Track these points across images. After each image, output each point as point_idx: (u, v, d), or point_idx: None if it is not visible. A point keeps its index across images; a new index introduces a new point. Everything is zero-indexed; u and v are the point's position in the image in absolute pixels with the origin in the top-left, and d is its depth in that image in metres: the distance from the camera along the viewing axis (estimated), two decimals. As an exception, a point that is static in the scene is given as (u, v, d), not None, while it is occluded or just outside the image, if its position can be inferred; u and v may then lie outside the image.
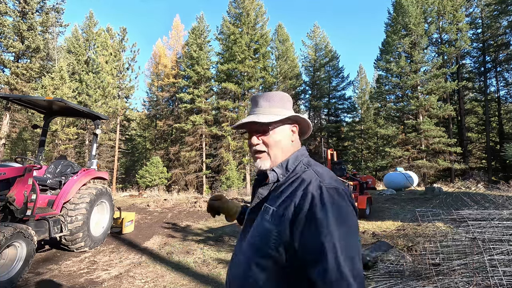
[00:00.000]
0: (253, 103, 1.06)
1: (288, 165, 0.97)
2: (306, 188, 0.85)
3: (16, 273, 3.59)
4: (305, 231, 0.80)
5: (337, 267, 0.73)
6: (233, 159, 24.84)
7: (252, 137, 1.00)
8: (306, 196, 0.83)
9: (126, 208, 10.08)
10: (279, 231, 0.85)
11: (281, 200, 0.89)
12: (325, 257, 0.74)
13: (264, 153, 0.99)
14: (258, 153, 1.00)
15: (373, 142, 33.00)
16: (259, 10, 28.62)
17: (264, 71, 27.80)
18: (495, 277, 2.70)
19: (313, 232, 0.78)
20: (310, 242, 0.78)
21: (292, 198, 0.86)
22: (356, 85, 38.21)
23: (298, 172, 0.95)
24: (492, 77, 26.34)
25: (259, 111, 1.02)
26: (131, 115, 32.73)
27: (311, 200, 0.82)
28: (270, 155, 0.99)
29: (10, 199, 3.85)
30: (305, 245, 0.79)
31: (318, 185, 0.85)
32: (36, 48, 19.60)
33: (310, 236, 0.78)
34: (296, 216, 0.82)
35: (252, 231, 0.94)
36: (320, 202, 0.80)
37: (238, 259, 0.96)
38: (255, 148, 1.00)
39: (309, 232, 0.79)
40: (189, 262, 4.59)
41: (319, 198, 0.81)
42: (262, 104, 1.03)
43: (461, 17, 24.49)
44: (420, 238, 4.63)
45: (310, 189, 0.84)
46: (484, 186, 11.79)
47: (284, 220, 0.84)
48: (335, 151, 10.37)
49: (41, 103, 5.16)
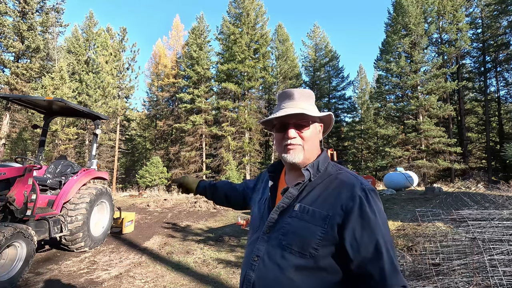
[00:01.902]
0: (286, 96, 1.03)
1: (319, 166, 0.98)
2: (352, 190, 0.88)
3: (16, 273, 3.58)
4: (359, 231, 0.84)
5: (391, 261, 0.82)
6: (233, 159, 24.83)
7: (290, 130, 0.98)
8: (354, 198, 0.86)
9: (126, 208, 10.08)
10: (324, 231, 0.86)
11: (322, 201, 0.90)
12: (381, 254, 0.82)
13: (299, 146, 0.98)
14: (293, 145, 0.98)
15: (373, 142, 33.00)
16: (259, 10, 28.61)
17: (264, 71, 27.79)
18: (495, 277, 2.70)
19: (368, 232, 0.83)
20: (365, 241, 0.83)
21: (338, 199, 0.88)
22: (356, 85, 38.24)
23: (332, 173, 0.97)
24: (492, 77, 26.35)
25: (297, 105, 1.00)
26: (131, 115, 32.73)
27: (359, 202, 0.86)
28: (305, 149, 0.98)
29: (10, 199, 3.85)
30: (360, 244, 0.83)
31: (361, 187, 0.89)
32: (36, 48, 19.61)
33: (364, 235, 0.83)
34: (347, 217, 0.85)
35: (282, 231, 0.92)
36: (368, 204, 0.85)
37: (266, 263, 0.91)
38: (291, 141, 0.97)
39: (364, 232, 0.84)
40: (189, 262, 4.59)
41: (366, 200, 0.86)
42: (299, 98, 1.01)
43: (461, 17, 24.49)
44: (420, 238, 4.63)
45: (356, 191, 0.87)
46: (484, 186, 11.79)
47: (329, 220, 0.86)
48: (335, 151, 10.37)
49: (41, 103, 5.16)
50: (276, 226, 0.94)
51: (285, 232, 0.91)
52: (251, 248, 0.98)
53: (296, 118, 0.98)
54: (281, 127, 1.01)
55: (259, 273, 0.91)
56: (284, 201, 0.95)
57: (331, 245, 0.86)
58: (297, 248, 0.87)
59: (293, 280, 0.86)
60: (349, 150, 34.93)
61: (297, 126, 0.98)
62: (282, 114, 0.96)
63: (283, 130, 1.00)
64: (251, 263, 0.94)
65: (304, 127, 0.99)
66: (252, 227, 1.08)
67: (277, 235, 0.92)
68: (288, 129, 0.98)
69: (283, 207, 0.95)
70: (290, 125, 0.99)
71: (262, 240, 0.95)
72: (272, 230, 0.94)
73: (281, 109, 1.01)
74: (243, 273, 0.97)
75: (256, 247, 0.96)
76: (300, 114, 0.96)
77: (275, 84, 30.41)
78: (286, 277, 0.86)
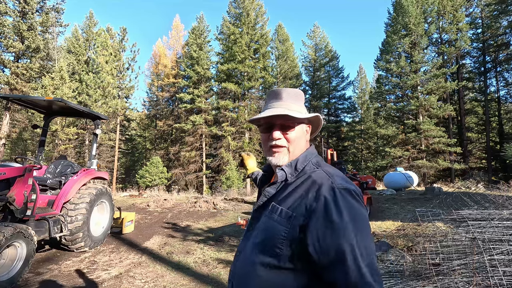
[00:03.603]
0: (274, 96, 1.02)
1: (298, 165, 0.96)
2: (319, 190, 0.83)
3: (16, 273, 3.59)
4: (321, 234, 0.78)
5: (358, 269, 0.73)
6: (233, 159, 24.83)
7: (276, 131, 0.96)
8: (319, 198, 0.81)
9: (126, 208, 10.07)
10: (287, 231, 0.83)
11: (290, 200, 0.88)
12: (344, 260, 0.74)
13: (284, 148, 0.97)
14: (278, 147, 0.97)
15: (373, 142, 33.01)
16: (259, 10, 28.62)
17: (264, 71, 27.79)
18: (495, 277, 2.70)
19: (330, 235, 0.77)
20: (328, 245, 0.77)
21: (304, 199, 0.84)
22: (356, 85, 38.26)
23: (308, 172, 0.93)
24: (492, 77, 26.34)
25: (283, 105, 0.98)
26: (131, 115, 32.75)
27: (324, 202, 0.80)
28: (290, 151, 0.97)
29: (10, 199, 3.85)
30: (322, 248, 0.78)
31: (330, 186, 0.83)
32: (36, 48, 19.60)
33: (327, 239, 0.77)
34: (309, 218, 0.81)
35: (257, 229, 0.93)
36: (334, 204, 0.79)
37: (243, 258, 0.94)
38: (275, 142, 0.96)
39: (326, 235, 0.78)
40: (189, 262, 4.59)
41: (333, 200, 0.80)
42: (286, 98, 1.00)
43: (461, 17, 24.49)
44: (420, 238, 4.62)
45: (323, 191, 0.82)
46: (484, 186, 11.78)
47: (293, 221, 0.83)
48: (335, 151, 10.35)
49: (41, 103, 5.16)
50: (255, 223, 0.97)
51: (259, 230, 0.92)
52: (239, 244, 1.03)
53: (282, 119, 0.96)
54: (267, 127, 0.99)
55: (237, 267, 0.95)
56: (262, 199, 0.96)
57: (295, 246, 0.82)
58: (265, 246, 0.87)
59: (260, 276, 0.86)
60: (349, 150, 34.93)
61: (282, 127, 0.97)
62: (267, 114, 0.95)
63: (269, 130, 0.99)
64: (236, 256, 0.99)
65: (290, 128, 0.97)
66: None
67: (253, 232, 0.95)
68: (274, 130, 0.97)
69: (260, 205, 0.97)
70: (276, 126, 0.97)
71: (245, 236, 0.99)
72: (252, 228, 0.97)
73: (267, 108, 0.99)
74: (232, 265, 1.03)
75: (241, 242, 1.00)
76: (285, 115, 0.94)
77: (275, 84, 30.39)
78: (255, 273, 0.87)
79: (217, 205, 10.77)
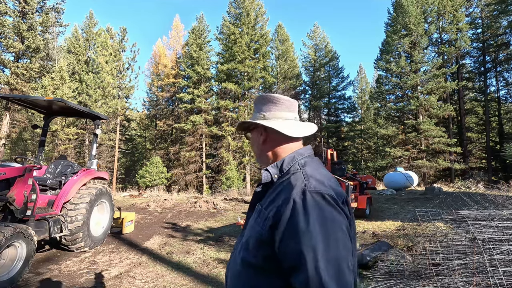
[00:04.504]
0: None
1: (283, 165, 0.95)
2: (289, 192, 0.81)
3: (16, 273, 3.59)
4: (285, 238, 0.76)
5: (319, 277, 0.69)
6: (233, 159, 24.83)
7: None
8: (288, 201, 0.79)
9: (126, 208, 10.07)
10: (261, 232, 0.84)
11: (268, 202, 0.88)
12: (304, 266, 0.71)
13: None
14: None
15: (373, 142, 33.01)
16: (259, 10, 28.61)
17: (264, 71, 27.79)
18: (495, 277, 2.70)
19: (293, 240, 0.74)
20: (290, 250, 0.75)
21: (275, 202, 0.84)
22: (356, 85, 38.26)
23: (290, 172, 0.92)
24: (492, 77, 26.34)
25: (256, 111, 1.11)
26: (131, 115, 32.74)
27: (292, 205, 0.78)
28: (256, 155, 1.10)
29: (10, 199, 3.85)
30: (285, 253, 0.76)
31: (302, 189, 0.80)
32: (36, 48, 19.60)
33: (290, 243, 0.75)
34: (277, 221, 0.79)
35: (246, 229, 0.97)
36: (302, 208, 0.76)
37: (233, 256, 0.99)
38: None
39: (289, 240, 0.75)
40: (189, 262, 4.59)
41: (301, 203, 0.77)
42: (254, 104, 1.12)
43: (461, 17, 24.49)
44: (420, 238, 4.63)
45: (293, 193, 0.80)
46: (484, 186, 11.77)
47: (267, 222, 0.83)
48: (335, 151, 10.35)
49: (41, 103, 5.16)
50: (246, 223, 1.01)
51: (246, 229, 0.96)
52: None
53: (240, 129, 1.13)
54: None
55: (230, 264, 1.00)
56: (253, 200, 1.01)
57: (267, 247, 0.81)
58: (247, 246, 0.89)
59: (242, 275, 0.89)
60: (349, 150, 34.92)
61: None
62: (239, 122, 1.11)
63: None
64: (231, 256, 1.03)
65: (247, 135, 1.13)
66: None
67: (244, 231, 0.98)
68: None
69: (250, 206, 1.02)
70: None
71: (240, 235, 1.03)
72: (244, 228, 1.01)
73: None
74: None
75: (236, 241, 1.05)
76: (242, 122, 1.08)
77: (275, 84, 30.40)
78: (239, 271, 0.90)
79: (217, 205, 10.77)
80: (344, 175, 9.52)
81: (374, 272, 3.68)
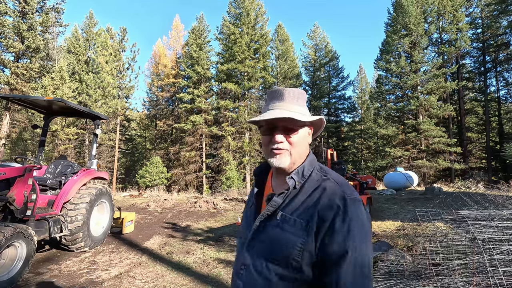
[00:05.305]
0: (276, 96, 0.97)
1: (304, 172, 0.94)
2: (331, 199, 0.85)
3: (16, 273, 3.59)
4: (329, 241, 0.81)
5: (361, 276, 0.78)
6: (233, 159, 24.83)
7: (278, 135, 0.92)
8: (332, 207, 0.83)
9: (126, 208, 10.07)
10: (303, 241, 0.83)
11: (303, 210, 0.87)
12: (348, 267, 0.78)
13: (286, 151, 0.93)
14: (279, 150, 0.93)
15: (373, 142, 33.00)
16: (259, 10, 28.62)
17: (264, 71, 27.80)
18: (495, 277, 2.70)
19: (338, 243, 0.80)
20: (335, 252, 0.80)
21: (317, 208, 0.85)
22: (356, 85, 38.26)
23: (315, 179, 0.92)
24: (492, 77, 26.35)
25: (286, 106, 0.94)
26: (131, 115, 32.75)
27: (336, 211, 0.82)
28: (292, 154, 0.94)
29: (10, 199, 3.85)
30: (329, 255, 0.80)
31: (341, 196, 0.85)
32: (36, 48, 19.60)
33: (335, 246, 0.80)
34: (321, 226, 0.82)
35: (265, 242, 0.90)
36: (344, 213, 0.82)
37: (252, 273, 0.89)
38: (278, 145, 0.92)
39: (334, 243, 0.80)
40: (189, 262, 4.59)
41: (344, 209, 0.82)
42: (288, 99, 0.95)
43: (461, 17, 24.49)
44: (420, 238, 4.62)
45: (335, 200, 0.84)
46: (484, 186, 11.78)
47: (308, 230, 0.84)
48: (335, 151, 10.35)
49: (41, 103, 5.16)
50: (260, 234, 0.92)
51: (268, 242, 0.89)
52: (239, 256, 0.98)
53: (285, 122, 0.92)
54: (269, 129, 0.95)
55: (246, 282, 0.90)
56: (268, 209, 0.92)
57: (310, 255, 0.83)
58: (280, 259, 0.85)
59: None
60: (349, 150, 34.92)
61: (285, 129, 0.93)
62: (270, 117, 0.90)
63: (270, 132, 0.95)
64: (238, 271, 0.94)
65: (293, 131, 0.93)
66: (241, 233, 1.05)
67: (260, 244, 0.91)
68: (275, 133, 0.93)
69: (267, 215, 0.92)
70: (278, 128, 0.93)
71: (248, 248, 0.94)
72: (257, 239, 0.93)
73: (269, 109, 0.95)
74: (233, 281, 0.98)
75: (243, 255, 0.95)
76: (289, 119, 0.90)
77: (275, 84, 30.40)
78: (267, 285, 0.85)
79: (217, 205, 10.77)
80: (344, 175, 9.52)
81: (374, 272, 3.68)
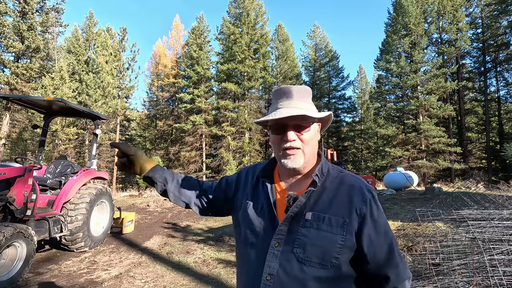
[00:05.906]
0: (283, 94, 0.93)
1: (323, 169, 0.94)
2: (363, 194, 0.88)
3: (16, 273, 3.58)
4: (374, 234, 0.86)
5: (400, 258, 0.88)
6: (233, 159, 24.84)
7: (290, 132, 0.88)
8: (366, 201, 0.87)
9: (126, 208, 10.08)
10: (343, 239, 0.83)
11: (336, 207, 0.87)
12: (394, 254, 0.87)
13: (299, 150, 0.89)
14: (292, 149, 0.89)
15: (373, 142, 33.00)
16: (259, 10, 28.63)
17: (264, 71, 27.80)
18: (495, 277, 2.70)
19: (382, 234, 0.86)
20: (381, 244, 0.86)
21: (352, 204, 0.87)
22: (356, 85, 38.23)
23: (334, 175, 0.94)
24: (492, 77, 26.36)
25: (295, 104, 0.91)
26: (131, 115, 32.73)
27: (370, 205, 0.87)
28: (305, 153, 0.90)
29: (10, 199, 3.85)
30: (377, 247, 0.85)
31: (368, 189, 0.90)
32: (36, 48, 19.60)
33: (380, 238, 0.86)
34: (362, 221, 0.86)
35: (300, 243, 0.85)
36: (376, 206, 0.88)
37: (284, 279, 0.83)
38: (291, 144, 0.89)
39: (379, 235, 0.86)
40: (189, 262, 4.59)
41: (374, 201, 0.88)
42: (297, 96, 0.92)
43: (461, 17, 24.50)
44: (420, 238, 4.62)
45: (366, 194, 0.88)
46: (484, 186, 11.78)
47: (347, 227, 0.84)
48: (335, 151, 10.37)
49: (41, 103, 5.16)
50: (288, 238, 0.86)
51: (301, 244, 0.84)
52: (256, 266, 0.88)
53: (297, 120, 0.89)
54: (279, 128, 0.91)
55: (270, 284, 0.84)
56: (293, 210, 0.87)
57: (350, 251, 0.85)
58: (317, 260, 0.83)
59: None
60: (349, 150, 34.92)
61: (296, 127, 0.89)
62: (282, 116, 0.86)
63: (281, 131, 0.90)
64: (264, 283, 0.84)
65: (304, 129, 0.90)
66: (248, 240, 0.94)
67: (291, 248, 0.85)
68: (287, 131, 0.89)
69: (292, 216, 0.88)
70: (290, 126, 0.89)
71: (272, 256, 0.86)
72: (284, 243, 0.86)
73: (278, 108, 0.91)
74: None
75: (266, 264, 0.86)
76: (301, 116, 0.87)
77: (275, 84, 30.41)
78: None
79: (217, 205, 10.76)
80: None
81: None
